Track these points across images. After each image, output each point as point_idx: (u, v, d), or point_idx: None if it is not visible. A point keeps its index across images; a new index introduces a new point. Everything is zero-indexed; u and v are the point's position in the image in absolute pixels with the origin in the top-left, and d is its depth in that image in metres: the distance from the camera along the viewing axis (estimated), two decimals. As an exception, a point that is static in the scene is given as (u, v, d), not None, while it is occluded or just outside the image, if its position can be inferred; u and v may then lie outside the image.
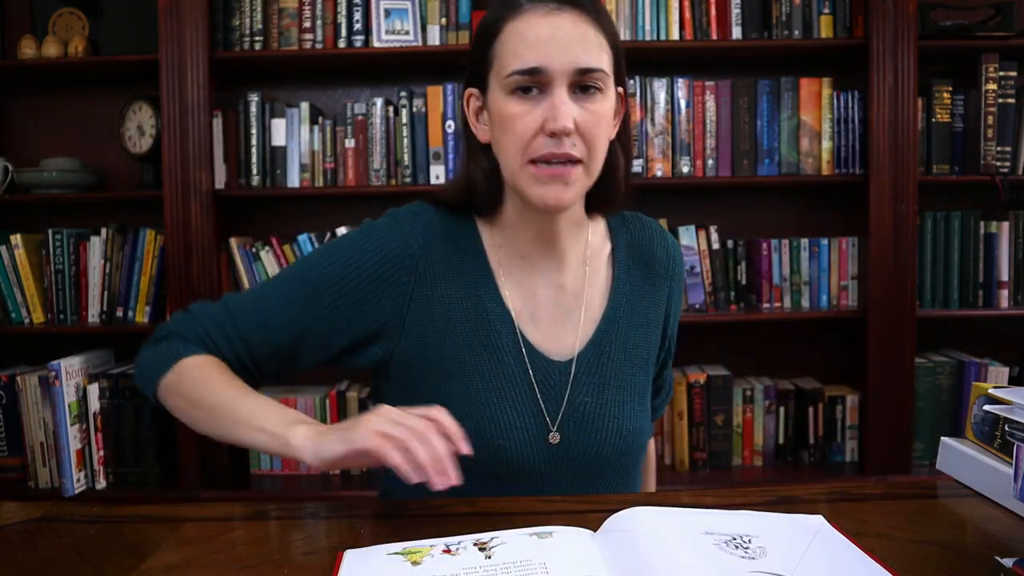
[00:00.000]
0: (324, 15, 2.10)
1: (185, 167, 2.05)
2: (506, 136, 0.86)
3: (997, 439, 0.82)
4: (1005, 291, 2.17)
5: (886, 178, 2.07)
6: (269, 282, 0.95)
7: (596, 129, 0.85)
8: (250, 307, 0.93)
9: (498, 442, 0.89)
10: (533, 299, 0.95)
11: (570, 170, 0.85)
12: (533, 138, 0.84)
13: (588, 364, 0.94)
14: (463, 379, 0.91)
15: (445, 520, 0.79)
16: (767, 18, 2.12)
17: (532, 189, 0.85)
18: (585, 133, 0.84)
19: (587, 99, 0.85)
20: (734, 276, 2.21)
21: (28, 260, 2.16)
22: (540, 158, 0.84)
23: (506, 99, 0.85)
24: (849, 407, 2.19)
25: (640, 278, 1.00)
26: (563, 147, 0.83)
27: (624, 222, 1.03)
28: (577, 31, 0.84)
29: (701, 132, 2.15)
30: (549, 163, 0.84)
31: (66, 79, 2.28)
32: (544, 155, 0.84)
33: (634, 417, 0.95)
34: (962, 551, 0.70)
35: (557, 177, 0.84)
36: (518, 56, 0.83)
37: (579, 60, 0.83)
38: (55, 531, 0.78)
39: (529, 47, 0.83)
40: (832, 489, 0.86)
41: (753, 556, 0.64)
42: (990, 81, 2.08)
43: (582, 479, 0.93)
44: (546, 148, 0.83)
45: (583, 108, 0.84)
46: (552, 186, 0.85)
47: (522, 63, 0.83)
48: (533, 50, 0.83)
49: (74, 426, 2.06)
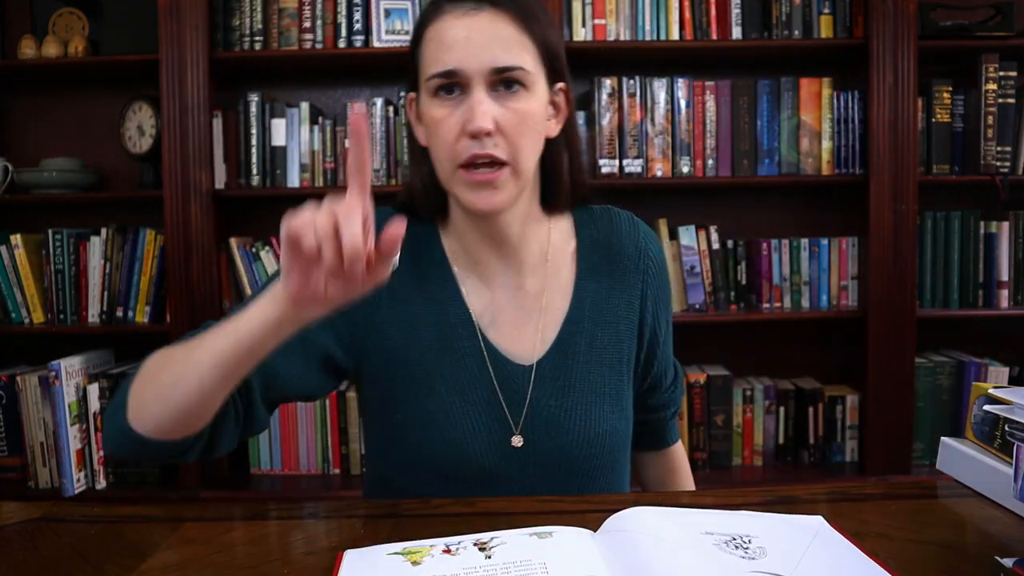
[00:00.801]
0: (324, 15, 2.10)
1: (185, 167, 2.05)
2: (434, 140, 0.86)
3: (997, 439, 0.82)
4: (1005, 291, 2.17)
5: (886, 178, 2.07)
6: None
7: (520, 128, 0.84)
8: None
9: (462, 446, 0.89)
10: (492, 302, 0.94)
11: (496, 174, 0.84)
12: (457, 141, 0.84)
13: (551, 366, 0.93)
14: (428, 384, 0.91)
15: (445, 520, 0.79)
16: (767, 18, 2.12)
17: (464, 195, 0.85)
18: (508, 132, 0.83)
19: (510, 97, 0.84)
20: (734, 276, 2.21)
21: (28, 260, 2.16)
22: (465, 162, 0.83)
23: (430, 102, 0.86)
24: (849, 407, 2.19)
25: (607, 275, 0.97)
26: (485, 148, 0.83)
27: (592, 217, 1.01)
28: (494, 30, 0.83)
29: (701, 132, 2.15)
30: (476, 167, 0.83)
31: (66, 79, 2.28)
32: (468, 158, 0.83)
33: (604, 419, 0.93)
34: (962, 551, 0.70)
35: (485, 183, 0.84)
36: (436, 60, 0.84)
37: (495, 60, 0.82)
38: (55, 531, 0.78)
39: (446, 50, 0.83)
40: (832, 489, 0.86)
41: (753, 556, 0.64)
42: (990, 81, 2.08)
43: (548, 482, 0.91)
44: (469, 151, 0.83)
45: (505, 107, 0.84)
46: (481, 192, 0.84)
47: (439, 66, 0.83)
48: (449, 52, 0.83)
49: (74, 426, 2.06)
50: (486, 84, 0.83)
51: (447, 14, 0.85)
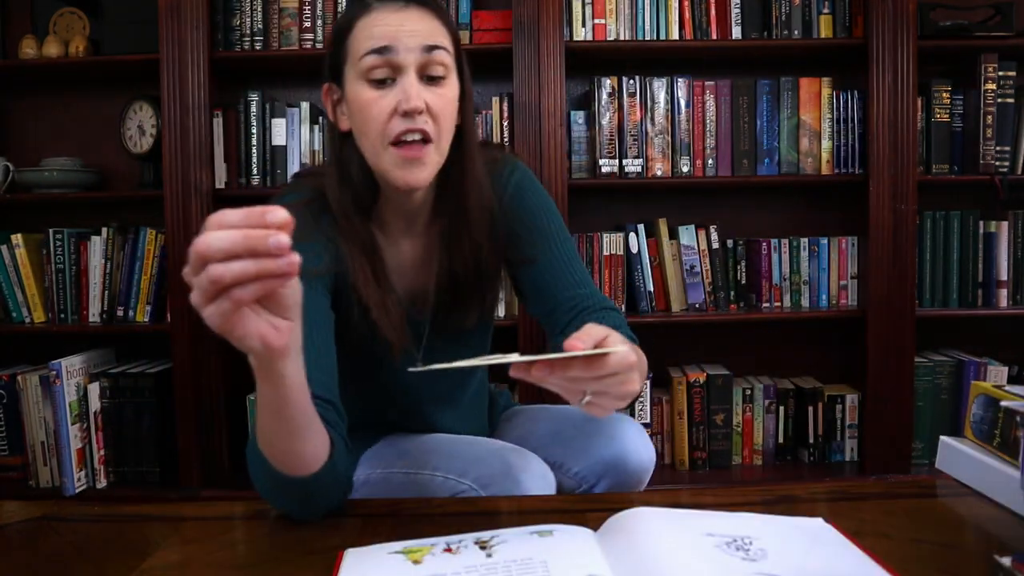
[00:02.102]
0: (324, 15, 2.10)
1: (185, 167, 2.05)
2: (365, 121, 0.93)
3: (996, 438, 0.82)
4: (1004, 291, 2.17)
5: (886, 178, 2.07)
6: None
7: (444, 111, 0.94)
8: None
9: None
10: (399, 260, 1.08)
11: (424, 150, 0.93)
12: (389, 120, 0.91)
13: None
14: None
15: (445, 519, 0.79)
16: (767, 18, 2.12)
17: (393, 172, 0.93)
18: (435, 113, 0.93)
19: (436, 84, 0.94)
20: (734, 276, 2.22)
21: (29, 259, 2.16)
22: (396, 138, 0.92)
23: (362, 86, 0.93)
24: (849, 406, 2.19)
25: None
26: (416, 124, 0.91)
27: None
28: (423, 23, 0.93)
29: (701, 132, 2.15)
30: (407, 143, 0.92)
31: (67, 79, 2.28)
32: (400, 132, 0.91)
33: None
34: (961, 550, 0.70)
35: (414, 159, 0.92)
36: (370, 38, 0.92)
37: (426, 40, 0.92)
38: (56, 530, 0.78)
39: (380, 31, 0.92)
40: (832, 488, 0.86)
41: (754, 558, 0.64)
42: (989, 81, 2.08)
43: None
44: (402, 126, 0.91)
45: (431, 91, 0.93)
46: (411, 168, 0.93)
47: (373, 43, 0.91)
48: (382, 31, 0.92)
49: (75, 425, 2.06)
50: (416, 70, 0.92)
51: (378, 10, 0.94)
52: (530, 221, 1.08)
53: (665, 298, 2.19)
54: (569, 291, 1.05)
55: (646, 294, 2.17)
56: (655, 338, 2.35)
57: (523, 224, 1.08)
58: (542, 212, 1.09)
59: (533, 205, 1.09)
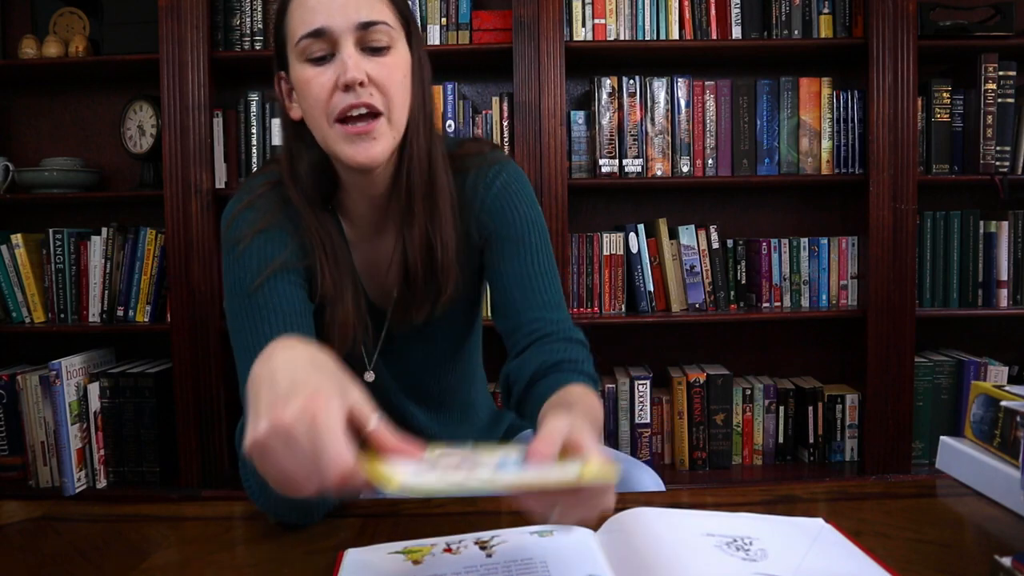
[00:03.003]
0: (324, 15, 2.10)
1: (185, 167, 2.05)
2: (307, 100, 0.89)
3: (996, 438, 0.82)
4: (1004, 290, 2.17)
5: (886, 178, 2.07)
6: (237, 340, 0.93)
7: (390, 79, 0.89)
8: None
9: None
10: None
11: (373, 124, 0.88)
12: (331, 96, 0.87)
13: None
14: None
15: (445, 519, 0.79)
16: (767, 18, 2.12)
17: (343, 149, 0.89)
18: (380, 84, 0.88)
19: (377, 54, 0.89)
20: (734, 276, 2.22)
21: (29, 259, 2.16)
22: (341, 114, 0.87)
23: (302, 67, 0.89)
24: (849, 406, 2.19)
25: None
26: (360, 98, 0.87)
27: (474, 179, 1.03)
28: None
29: (701, 132, 2.15)
30: (353, 120, 0.87)
31: (67, 79, 2.28)
32: (344, 108, 0.87)
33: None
34: (961, 550, 0.70)
35: (363, 134, 0.88)
36: (303, 22, 0.88)
37: (360, 15, 0.87)
38: (56, 530, 0.78)
39: (311, 12, 0.87)
40: (832, 488, 0.86)
41: (754, 558, 0.64)
42: (989, 81, 2.08)
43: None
44: (345, 102, 0.87)
45: (374, 62, 0.88)
46: (360, 144, 0.88)
47: (307, 27, 0.87)
48: (315, 14, 0.87)
49: (75, 425, 2.06)
50: (354, 41, 0.87)
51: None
52: (507, 228, 1.01)
53: (665, 298, 2.19)
54: (534, 312, 0.98)
55: (646, 294, 2.17)
56: (655, 338, 2.36)
57: (499, 229, 1.01)
58: (523, 221, 1.01)
59: (514, 212, 1.01)
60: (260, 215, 0.96)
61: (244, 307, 0.92)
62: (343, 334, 0.97)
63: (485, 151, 1.04)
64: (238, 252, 0.94)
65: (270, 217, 0.96)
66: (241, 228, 0.96)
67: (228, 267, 0.95)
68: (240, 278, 0.93)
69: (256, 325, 0.91)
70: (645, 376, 2.19)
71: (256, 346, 0.86)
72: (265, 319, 0.90)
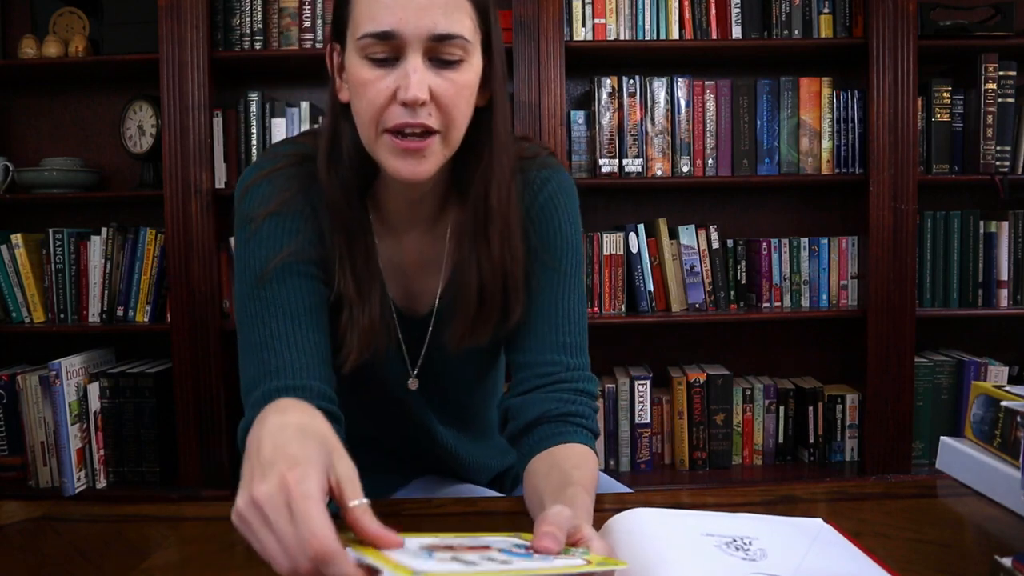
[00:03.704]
0: (324, 15, 2.10)
1: (185, 167, 2.05)
2: (359, 103, 0.81)
3: (997, 438, 0.82)
4: (1005, 290, 2.17)
5: (886, 178, 2.07)
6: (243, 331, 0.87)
7: (455, 99, 0.80)
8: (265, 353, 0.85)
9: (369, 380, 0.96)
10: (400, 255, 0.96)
11: (427, 142, 0.80)
12: (386, 106, 0.79)
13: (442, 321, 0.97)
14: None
15: (446, 519, 0.79)
16: (767, 18, 2.12)
17: (388, 161, 0.81)
18: (442, 102, 0.79)
19: (447, 67, 0.79)
20: (734, 276, 2.21)
21: (29, 259, 2.16)
22: (394, 128, 0.79)
23: (360, 63, 0.79)
24: (849, 406, 2.19)
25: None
26: (418, 117, 0.78)
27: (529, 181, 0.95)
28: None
29: (701, 132, 2.15)
30: (404, 134, 0.79)
31: (66, 79, 2.28)
32: (398, 124, 0.78)
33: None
34: (961, 550, 0.70)
35: (413, 151, 0.80)
36: (372, 18, 0.77)
37: (436, 25, 0.77)
38: (56, 530, 0.78)
39: (384, 9, 0.77)
40: (832, 488, 0.86)
41: (754, 558, 0.64)
42: (989, 81, 2.08)
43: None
44: (400, 118, 0.78)
45: (441, 76, 0.79)
46: (408, 159, 0.80)
47: (375, 25, 0.77)
48: (387, 11, 0.76)
49: (74, 425, 2.06)
50: (423, 51, 0.78)
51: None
52: (547, 251, 0.93)
53: (665, 298, 2.19)
54: (554, 354, 0.91)
55: (646, 294, 2.17)
56: (655, 338, 2.36)
57: (539, 249, 0.92)
58: (564, 244, 0.93)
59: (557, 232, 0.93)
60: (276, 192, 0.88)
61: (251, 297, 0.86)
62: (365, 340, 0.88)
63: (541, 155, 0.96)
64: (248, 233, 0.88)
65: (287, 196, 0.88)
66: (254, 204, 0.88)
67: (239, 245, 0.89)
68: (249, 264, 0.87)
69: (262, 321, 0.85)
70: (645, 376, 2.19)
71: (261, 343, 0.84)
72: (273, 316, 0.85)
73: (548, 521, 0.59)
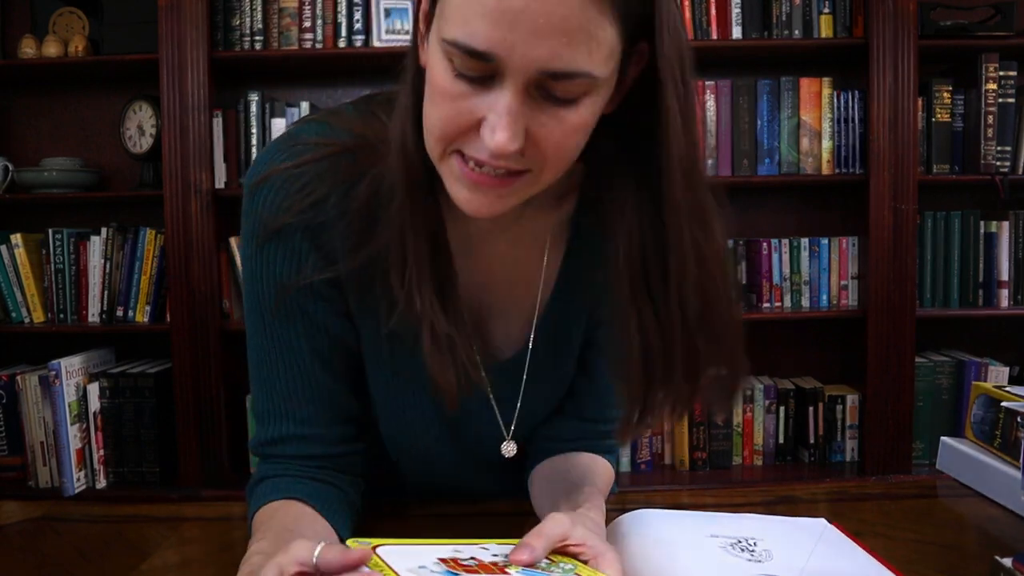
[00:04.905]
0: (324, 15, 2.10)
1: (185, 167, 2.05)
2: (430, 107, 0.60)
3: (997, 439, 0.82)
4: (1005, 291, 2.17)
5: (886, 178, 2.07)
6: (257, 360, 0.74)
7: (560, 143, 0.59)
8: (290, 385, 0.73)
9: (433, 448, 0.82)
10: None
11: (509, 182, 0.60)
12: (463, 132, 0.59)
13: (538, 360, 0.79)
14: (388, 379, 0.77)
15: (446, 519, 0.79)
16: (767, 18, 2.12)
17: (454, 189, 0.62)
18: (542, 146, 0.58)
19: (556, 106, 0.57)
20: (734, 275, 2.21)
21: (28, 259, 2.16)
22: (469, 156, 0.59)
23: (443, 66, 0.57)
24: (849, 407, 2.19)
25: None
26: (501, 160, 0.58)
27: None
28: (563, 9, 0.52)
29: (701, 132, 2.15)
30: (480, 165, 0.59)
31: (66, 79, 2.28)
32: (476, 160, 0.59)
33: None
34: (962, 550, 0.70)
35: (487, 187, 0.60)
36: (464, 23, 0.54)
37: (552, 60, 0.54)
38: (56, 530, 0.78)
39: (485, 21, 0.53)
40: (832, 489, 0.86)
41: (759, 559, 0.64)
42: (990, 81, 2.08)
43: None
44: (479, 153, 0.58)
45: (547, 115, 0.57)
46: (479, 194, 0.61)
47: (467, 37, 0.54)
48: (487, 25, 0.53)
49: (74, 425, 2.06)
50: (526, 82, 0.55)
51: None
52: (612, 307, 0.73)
53: (665, 298, 2.18)
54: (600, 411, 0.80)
55: (646, 294, 2.16)
56: (655, 338, 2.36)
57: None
58: None
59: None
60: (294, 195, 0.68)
61: (257, 329, 0.73)
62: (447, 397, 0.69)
63: None
64: (253, 249, 0.71)
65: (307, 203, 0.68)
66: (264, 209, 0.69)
67: (244, 260, 0.73)
68: (254, 288, 0.72)
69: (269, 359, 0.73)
70: (645, 376, 2.18)
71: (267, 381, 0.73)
72: (279, 357, 0.72)
73: (535, 534, 0.58)
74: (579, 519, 0.62)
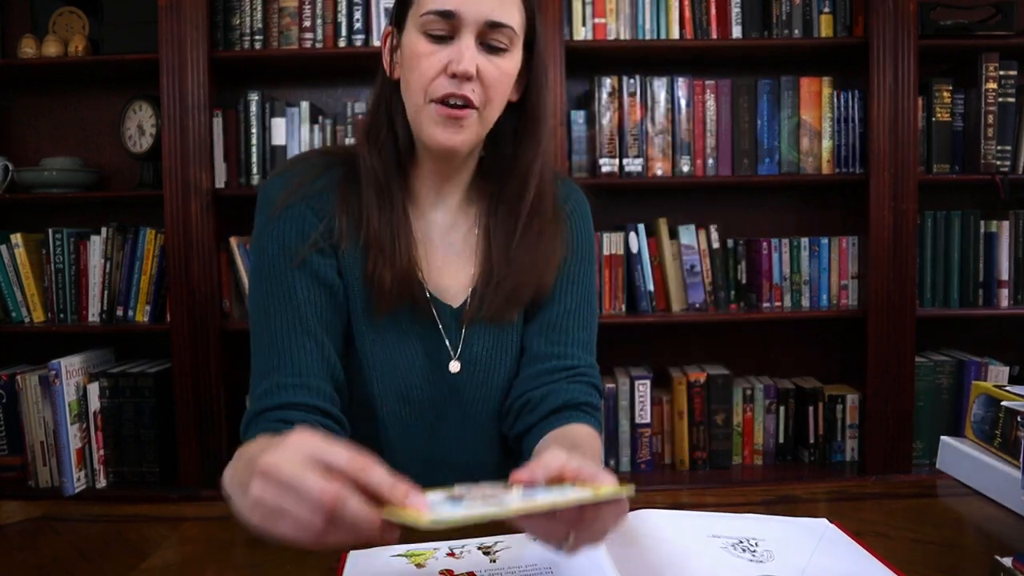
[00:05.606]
0: (324, 14, 2.10)
1: (185, 166, 2.05)
2: (411, 73, 0.90)
3: (997, 438, 0.82)
4: (1005, 290, 2.17)
5: (886, 177, 2.07)
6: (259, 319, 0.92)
7: (497, 81, 0.90)
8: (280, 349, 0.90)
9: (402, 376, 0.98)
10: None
11: (466, 112, 0.89)
12: (435, 77, 0.88)
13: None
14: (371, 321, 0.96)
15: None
16: (767, 17, 2.12)
17: (429, 129, 0.90)
18: (485, 82, 0.89)
19: (493, 53, 0.90)
20: (734, 275, 2.21)
21: (28, 259, 2.16)
22: (440, 98, 0.88)
23: (418, 37, 0.89)
24: (849, 406, 2.19)
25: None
26: (463, 89, 0.88)
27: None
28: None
29: (701, 131, 2.15)
30: (447, 104, 0.88)
31: (66, 78, 2.28)
32: (444, 95, 0.88)
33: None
34: (962, 550, 0.70)
35: (454, 120, 0.89)
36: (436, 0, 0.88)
37: (491, 13, 0.87)
38: (56, 530, 0.78)
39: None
40: (832, 488, 0.86)
41: (761, 559, 0.64)
42: (990, 80, 2.08)
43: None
44: (447, 88, 0.88)
45: (488, 60, 0.89)
46: (448, 128, 0.89)
47: (439, 4, 0.87)
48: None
49: (74, 425, 2.06)
50: (476, 34, 0.88)
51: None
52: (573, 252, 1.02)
53: (665, 298, 2.19)
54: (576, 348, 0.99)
55: (646, 294, 2.16)
56: (655, 338, 2.36)
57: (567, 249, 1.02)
58: (581, 257, 1.03)
59: (584, 238, 1.04)
60: (296, 177, 0.95)
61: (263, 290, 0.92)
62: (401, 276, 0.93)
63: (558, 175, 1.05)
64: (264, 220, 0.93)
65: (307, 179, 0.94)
66: (275, 188, 0.94)
67: (255, 233, 0.95)
68: (262, 255, 0.92)
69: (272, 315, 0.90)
70: (645, 376, 2.19)
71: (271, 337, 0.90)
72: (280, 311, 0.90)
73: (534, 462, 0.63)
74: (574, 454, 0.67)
